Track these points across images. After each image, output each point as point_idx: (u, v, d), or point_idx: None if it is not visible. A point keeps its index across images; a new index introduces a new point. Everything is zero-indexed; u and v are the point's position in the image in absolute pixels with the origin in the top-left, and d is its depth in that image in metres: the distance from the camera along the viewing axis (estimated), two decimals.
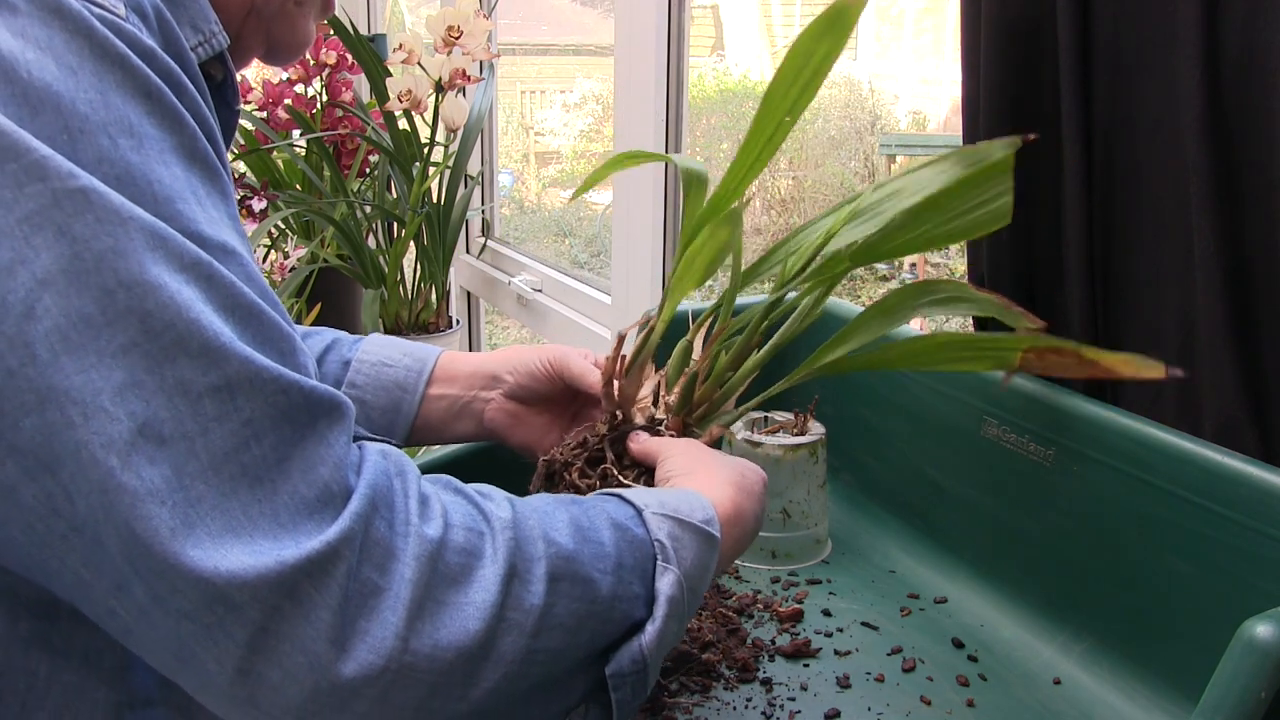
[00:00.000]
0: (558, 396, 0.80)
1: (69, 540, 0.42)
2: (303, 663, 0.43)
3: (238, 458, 0.42)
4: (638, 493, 0.58)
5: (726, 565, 0.63)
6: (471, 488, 0.52)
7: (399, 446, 0.78)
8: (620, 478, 0.70)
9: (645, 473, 0.70)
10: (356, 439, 0.49)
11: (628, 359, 0.74)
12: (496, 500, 0.52)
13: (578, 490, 0.70)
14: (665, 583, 0.54)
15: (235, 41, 0.59)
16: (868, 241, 0.66)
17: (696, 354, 0.76)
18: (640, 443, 0.71)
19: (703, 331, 0.77)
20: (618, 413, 0.74)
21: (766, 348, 0.76)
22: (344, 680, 0.43)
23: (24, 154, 0.41)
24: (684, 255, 0.70)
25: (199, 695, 0.44)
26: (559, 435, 0.77)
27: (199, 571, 0.41)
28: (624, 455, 0.72)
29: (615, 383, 0.74)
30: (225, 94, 0.59)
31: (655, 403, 0.76)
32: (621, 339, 0.75)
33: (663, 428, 0.74)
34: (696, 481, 0.64)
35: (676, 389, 0.75)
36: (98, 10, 0.45)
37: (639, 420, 0.74)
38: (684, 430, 0.74)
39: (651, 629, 0.53)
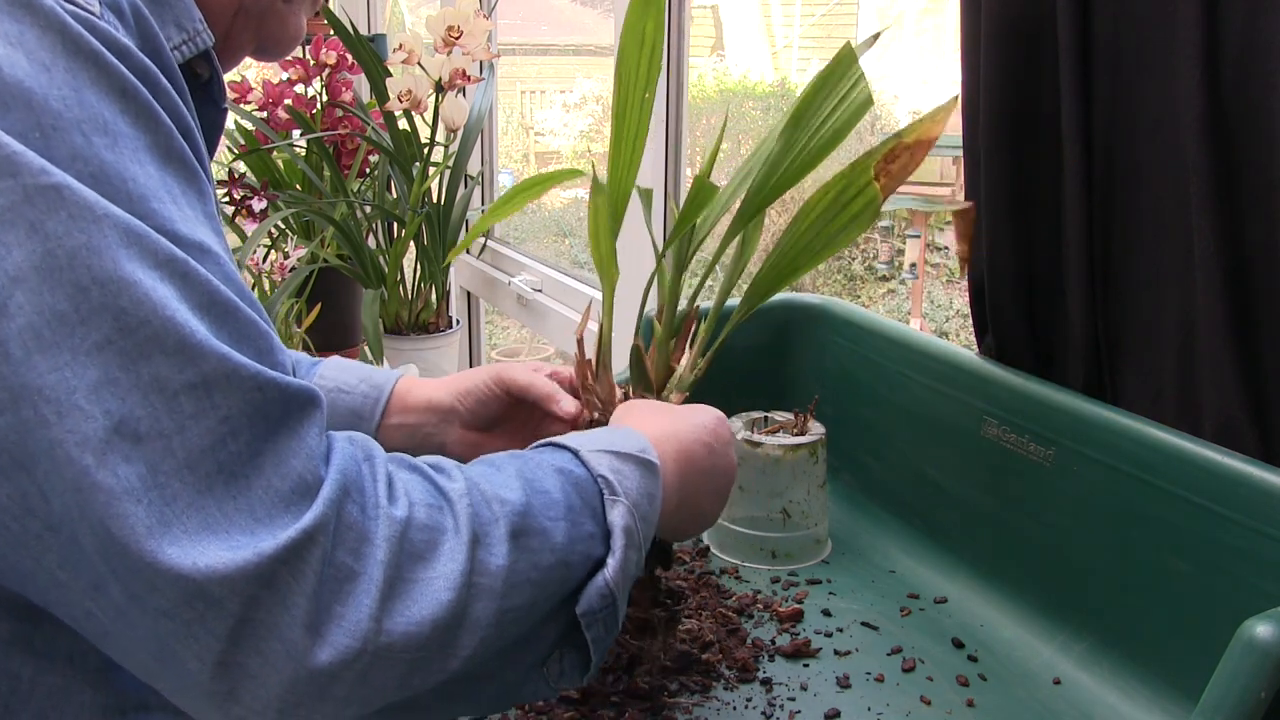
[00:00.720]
0: (512, 414, 0.80)
1: (44, 540, 0.42)
2: (280, 651, 0.43)
3: (214, 455, 0.42)
4: (571, 437, 0.59)
5: (683, 508, 0.64)
6: (423, 461, 0.52)
7: None
8: None
9: None
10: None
11: (592, 361, 0.75)
12: (449, 471, 0.52)
13: None
14: (616, 514, 0.55)
15: (224, 40, 0.58)
16: (763, 179, 0.72)
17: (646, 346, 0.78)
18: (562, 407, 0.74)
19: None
20: (596, 415, 0.75)
21: (711, 312, 0.79)
22: (321, 666, 0.43)
23: None
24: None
25: (178, 697, 0.44)
26: None
27: (177, 569, 0.41)
28: None
29: (591, 387, 0.76)
30: (212, 92, 0.58)
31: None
32: (582, 343, 0.76)
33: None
34: (631, 421, 0.65)
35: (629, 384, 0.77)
36: (71, 7, 0.44)
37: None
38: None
39: (613, 562, 0.54)
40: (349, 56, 1.75)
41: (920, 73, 5.31)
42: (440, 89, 1.65)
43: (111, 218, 0.42)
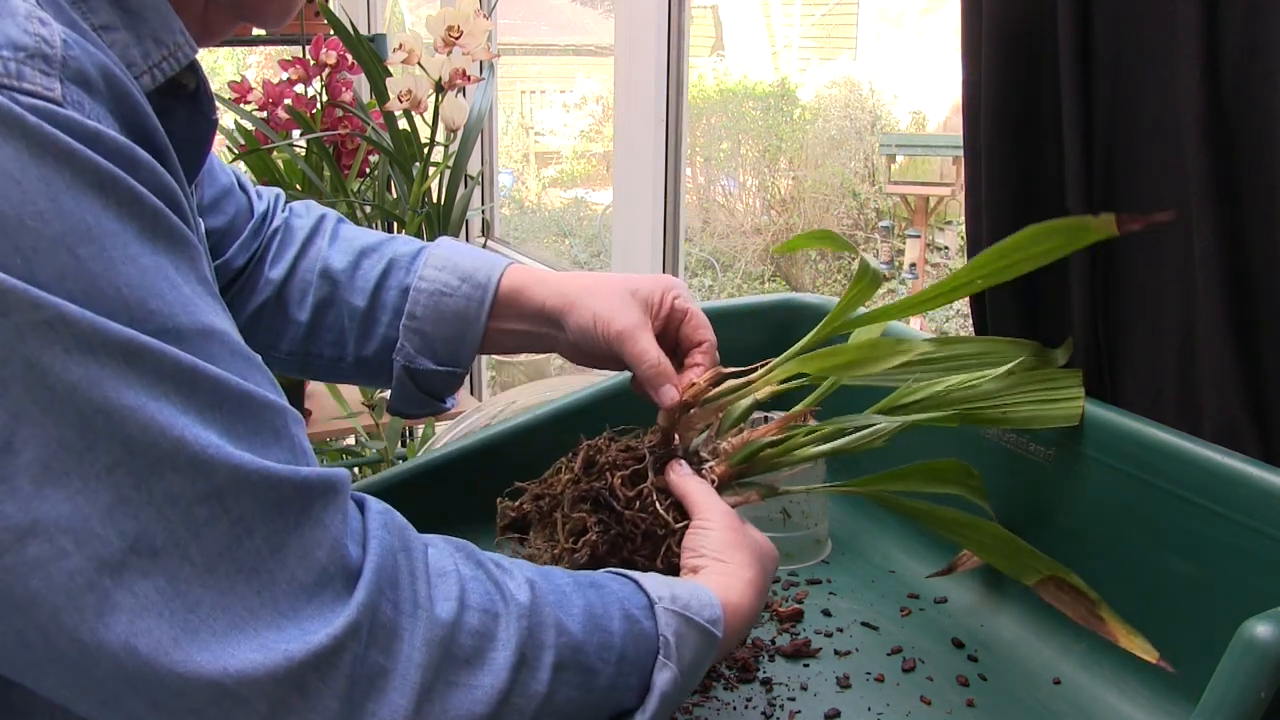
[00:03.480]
0: (618, 361, 0.75)
1: (42, 669, 0.41)
2: None
3: (231, 555, 0.42)
4: (653, 581, 0.58)
5: (722, 656, 0.64)
6: (491, 560, 0.52)
7: (464, 369, 0.77)
8: (659, 507, 0.69)
9: (678, 508, 0.70)
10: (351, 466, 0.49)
11: (713, 391, 0.73)
12: (516, 580, 0.51)
13: (614, 497, 0.70)
14: (662, 679, 0.54)
15: (203, 27, 0.56)
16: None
17: (771, 426, 0.77)
18: (680, 476, 0.70)
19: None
20: (672, 432, 0.74)
21: (830, 446, 0.78)
22: None
23: None
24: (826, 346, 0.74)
25: None
26: None
27: (207, 674, 0.40)
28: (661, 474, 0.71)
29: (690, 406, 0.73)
30: (200, 103, 0.56)
31: (708, 432, 0.76)
32: (719, 371, 0.74)
33: (705, 468, 0.74)
34: (720, 574, 0.63)
35: (734, 439, 0.76)
36: (28, 101, 0.40)
37: (688, 443, 0.75)
38: (726, 481, 0.74)
39: (642, 718, 0.54)
40: (349, 56, 1.75)
41: (920, 73, 5.32)
42: (440, 89, 1.65)
43: (109, 344, 0.40)
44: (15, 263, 0.39)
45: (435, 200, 1.73)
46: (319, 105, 1.80)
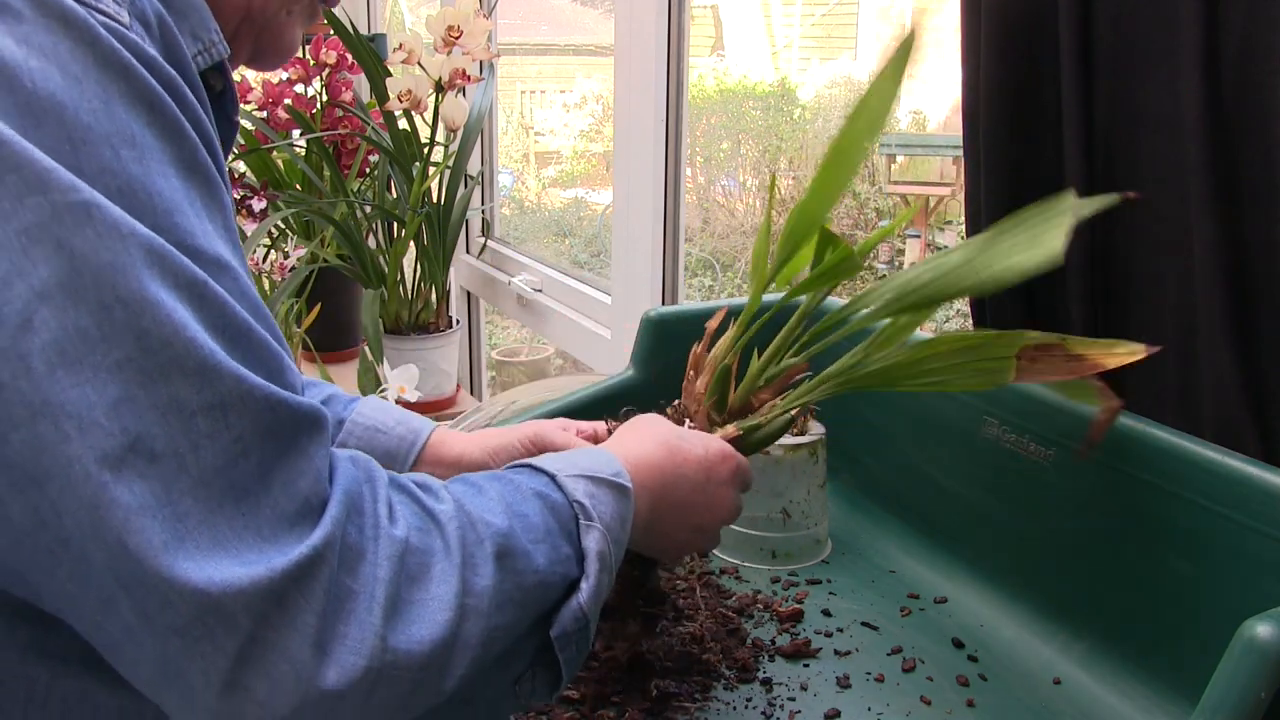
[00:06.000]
0: None
1: (55, 555, 0.42)
2: (288, 672, 0.43)
3: (226, 474, 0.43)
4: (548, 459, 0.60)
5: (651, 534, 0.65)
6: (409, 480, 0.53)
7: None
8: None
9: None
10: None
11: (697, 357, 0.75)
12: (437, 492, 0.53)
13: None
14: (592, 539, 0.57)
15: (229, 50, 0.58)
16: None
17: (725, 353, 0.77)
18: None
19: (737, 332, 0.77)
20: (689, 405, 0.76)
21: (801, 354, 0.76)
22: (329, 686, 0.43)
23: (25, 165, 0.41)
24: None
25: (183, 717, 0.44)
26: None
27: (192, 584, 0.41)
28: None
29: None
30: (225, 105, 0.58)
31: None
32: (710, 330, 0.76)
33: (688, 420, 0.75)
34: (615, 441, 0.66)
35: (705, 383, 0.76)
36: (102, 18, 0.44)
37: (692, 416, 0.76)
38: (708, 426, 0.75)
39: (586, 585, 0.56)
40: (349, 56, 1.75)
41: (920, 72, 5.31)
42: (440, 89, 1.65)
43: (137, 236, 0.42)
44: (64, 149, 0.42)
45: (435, 200, 1.73)
46: (319, 105, 1.80)
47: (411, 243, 1.73)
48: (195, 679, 0.42)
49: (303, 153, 1.82)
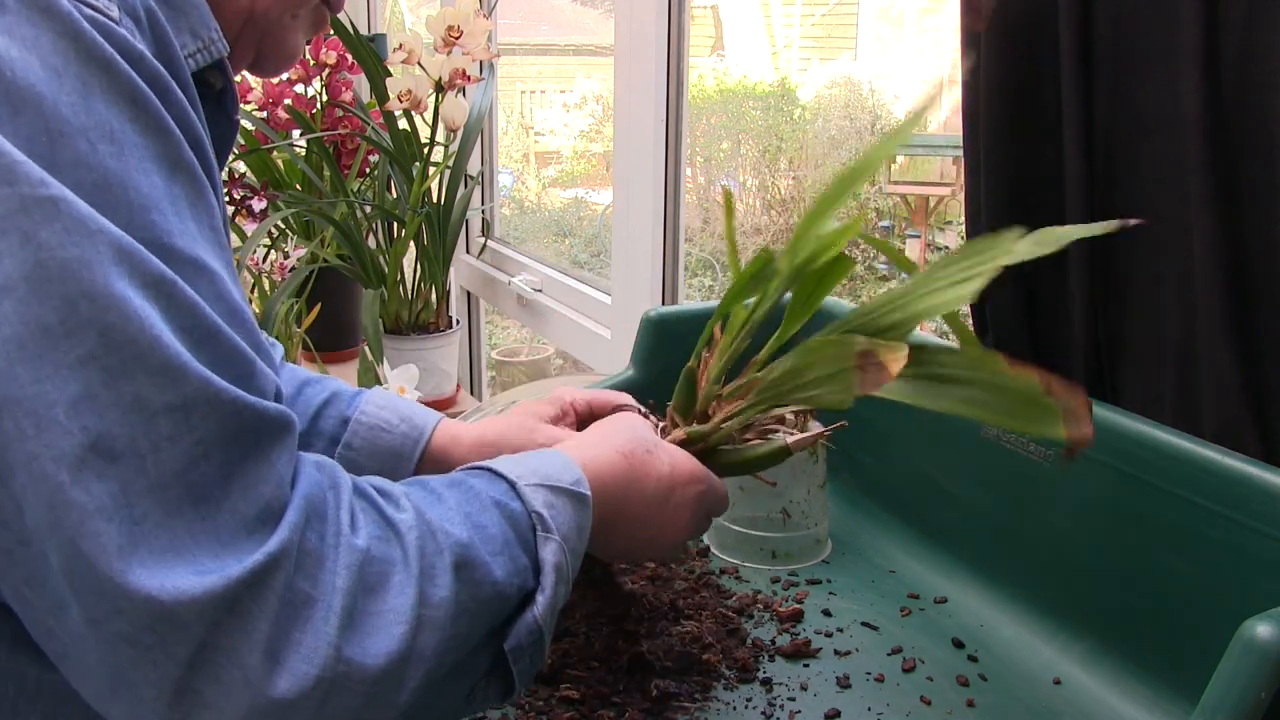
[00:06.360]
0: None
1: (13, 555, 0.41)
2: (239, 678, 0.42)
3: (185, 478, 0.42)
4: (506, 464, 0.59)
5: (610, 533, 0.63)
6: (370, 486, 0.52)
7: None
8: None
9: None
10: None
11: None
12: (396, 500, 0.52)
13: None
14: (549, 551, 0.55)
15: (229, 52, 0.58)
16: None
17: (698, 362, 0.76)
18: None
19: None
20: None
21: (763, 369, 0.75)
22: (280, 694, 0.43)
23: None
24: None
25: None
26: None
27: (144, 591, 0.40)
28: None
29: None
30: (224, 103, 0.58)
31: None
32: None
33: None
34: (575, 445, 0.65)
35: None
36: (89, 12, 0.44)
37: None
38: (671, 429, 0.74)
39: (542, 598, 0.55)
40: (349, 56, 1.75)
41: (920, 73, 5.32)
42: (440, 89, 1.65)
43: (105, 233, 0.42)
44: (41, 140, 0.41)
45: (435, 200, 1.73)
46: (319, 105, 1.80)
47: (411, 243, 1.73)
48: (144, 689, 0.41)
49: (303, 153, 1.82)
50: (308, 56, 1.76)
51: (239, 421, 0.44)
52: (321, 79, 1.78)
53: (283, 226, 1.81)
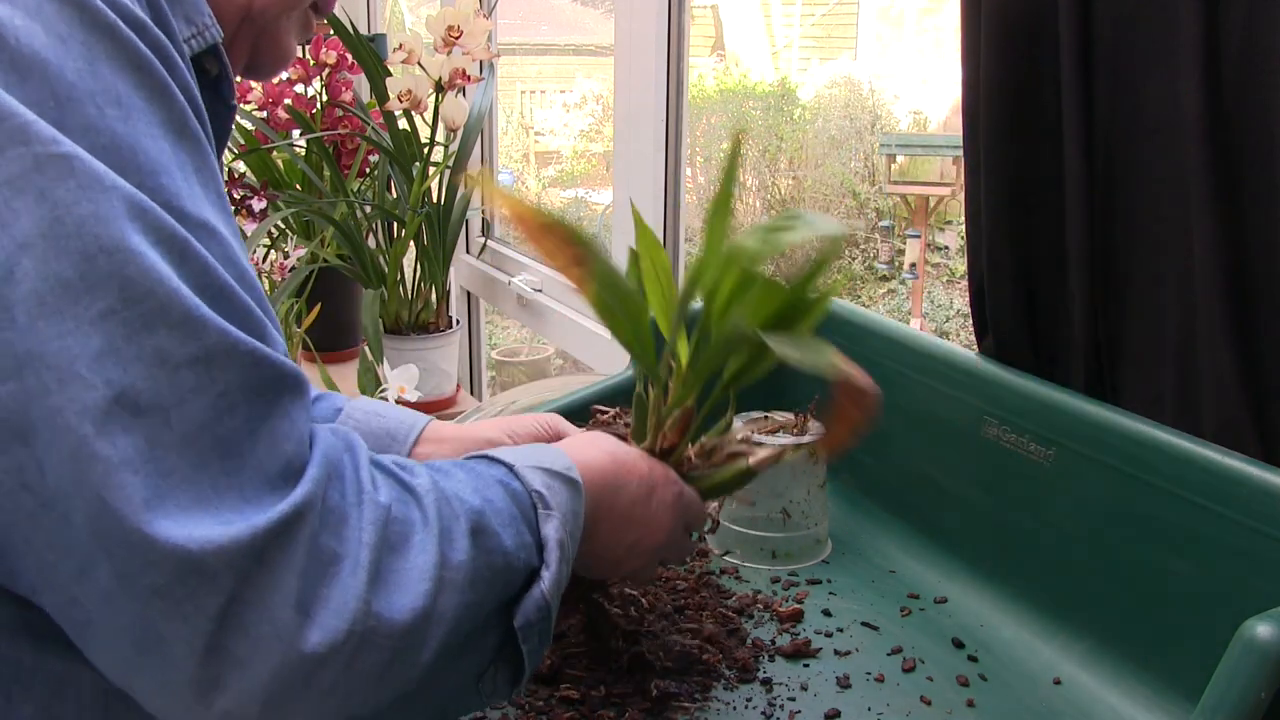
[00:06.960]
0: None
1: (36, 518, 0.41)
2: (269, 633, 0.42)
3: (210, 430, 0.42)
4: (504, 452, 0.60)
5: (596, 534, 0.63)
6: (387, 459, 0.53)
7: None
8: None
9: None
10: None
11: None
12: (412, 469, 0.53)
13: None
14: (550, 528, 0.56)
15: (225, 48, 0.58)
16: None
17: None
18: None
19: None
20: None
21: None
22: (311, 649, 0.43)
23: (7, 118, 0.41)
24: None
25: (156, 695, 0.43)
26: None
27: (172, 541, 0.40)
28: None
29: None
30: (221, 90, 0.58)
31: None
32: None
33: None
34: (564, 445, 0.66)
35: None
36: None
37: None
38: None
39: (548, 574, 0.55)
40: (349, 56, 1.75)
41: (920, 73, 5.32)
42: (440, 89, 1.65)
43: (119, 189, 0.42)
44: (48, 104, 0.42)
45: (435, 200, 1.73)
46: (319, 105, 1.80)
47: (411, 243, 1.73)
48: (176, 645, 0.41)
49: (303, 153, 1.82)
50: (308, 56, 1.76)
51: (259, 374, 0.44)
52: (321, 79, 1.78)
53: (283, 226, 1.81)
